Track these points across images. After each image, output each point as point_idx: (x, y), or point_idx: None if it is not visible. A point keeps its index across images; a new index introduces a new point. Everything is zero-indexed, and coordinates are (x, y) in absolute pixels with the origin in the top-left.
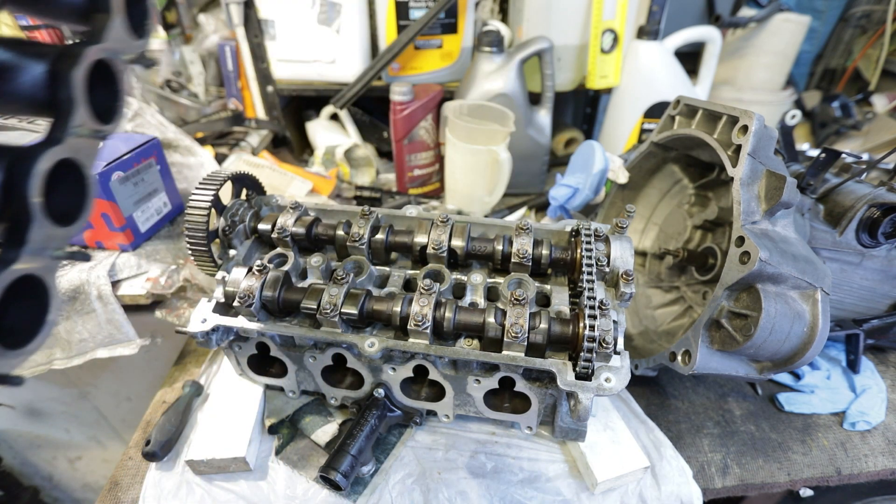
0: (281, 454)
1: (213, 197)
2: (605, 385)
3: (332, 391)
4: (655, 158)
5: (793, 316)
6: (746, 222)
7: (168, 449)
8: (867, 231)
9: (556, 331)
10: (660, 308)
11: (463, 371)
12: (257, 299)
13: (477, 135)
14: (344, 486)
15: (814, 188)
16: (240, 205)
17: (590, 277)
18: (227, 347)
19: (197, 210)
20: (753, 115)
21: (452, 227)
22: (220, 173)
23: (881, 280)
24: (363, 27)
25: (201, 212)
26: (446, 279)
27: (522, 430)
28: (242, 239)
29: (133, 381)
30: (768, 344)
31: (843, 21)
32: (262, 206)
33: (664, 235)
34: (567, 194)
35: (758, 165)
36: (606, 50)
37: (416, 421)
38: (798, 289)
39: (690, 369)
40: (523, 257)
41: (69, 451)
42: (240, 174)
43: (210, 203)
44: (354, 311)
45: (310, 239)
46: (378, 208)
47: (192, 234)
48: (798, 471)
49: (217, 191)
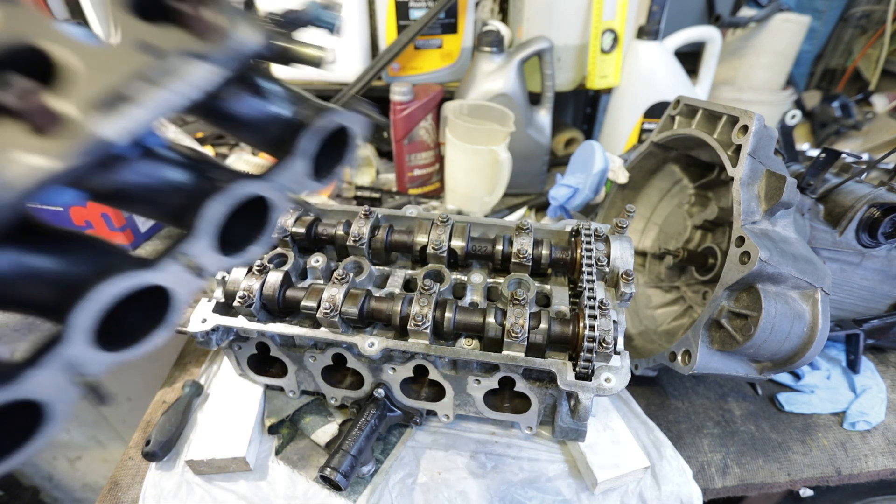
0: (281, 454)
1: None
2: (605, 385)
3: (332, 391)
4: (655, 158)
5: (793, 316)
6: (746, 222)
7: (168, 449)
8: (867, 231)
9: (556, 331)
10: (660, 308)
11: (463, 371)
12: (257, 299)
13: (477, 135)
14: (344, 486)
15: (814, 188)
16: None
17: (590, 277)
18: (227, 347)
19: None
20: (753, 115)
21: (452, 227)
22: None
23: (881, 280)
24: (363, 27)
25: None
26: (446, 279)
27: (522, 430)
28: None
29: (133, 382)
30: (768, 344)
31: (843, 21)
32: None
33: (664, 235)
34: (567, 194)
35: (758, 165)
36: (606, 50)
37: (416, 421)
38: (798, 289)
39: (690, 369)
40: (523, 257)
41: (69, 451)
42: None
43: None
44: (354, 310)
45: (310, 239)
46: (378, 208)
47: None
48: (798, 471)
49: None
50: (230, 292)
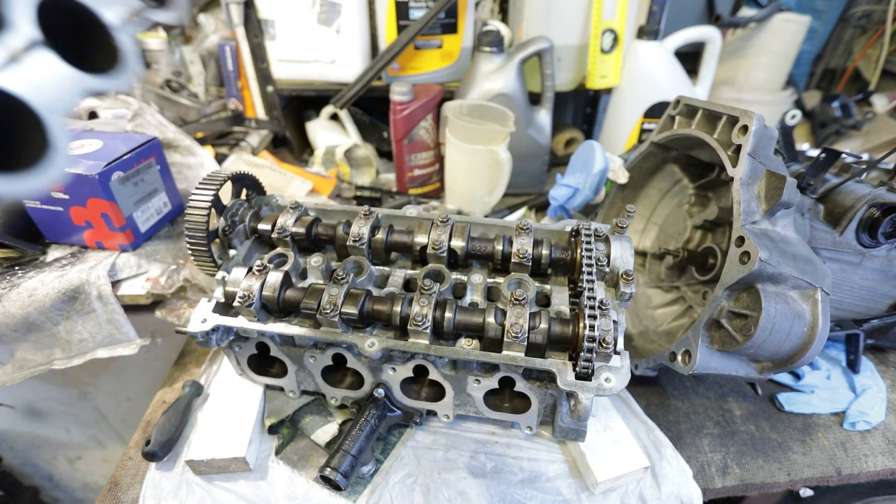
0: (281, 454)
1: (213, 197)
2: (605, 385)
3: (332, 391)
4: (655, 158)
5: (793, 316)
6: (746, 222)
7: (168, 449)
8: (867, 231)
9: (556, 331)
10: (660, 308)
11: (463, 371)
12: (257, 299)
13: (477, 135)
14: (344, 486)
15: (814, 188)
16: (240, 205)
17: (590, 277)
18: (227, 347)
19: (197, 210)
20: (753, 115)
21: (452, 227)
22: (220, 173)
23: (881, 280)
24: (363, 27)
25: (201, 212)
26: (446, 279)
27: (522, 430)
28: (242, 239)
29: (133, 381)
30: (768, 344)
31: (843, 21)
32: (262, 206)
33: (664, 235)
34: (567, 194)
35: (758, 165)
36: (606, 50)
37: (416, 421)
38: (798, 289)
39: (690, 369)
40: (523, 257)
41: (69, 451)
42: (240, 174)
43: (210, 203)
44: (354, 311)
45: (310, 239)
46: (378, 208)
47: (192, 234)
48: (798, 471)
49: (217, 191)
50: (230, 292)
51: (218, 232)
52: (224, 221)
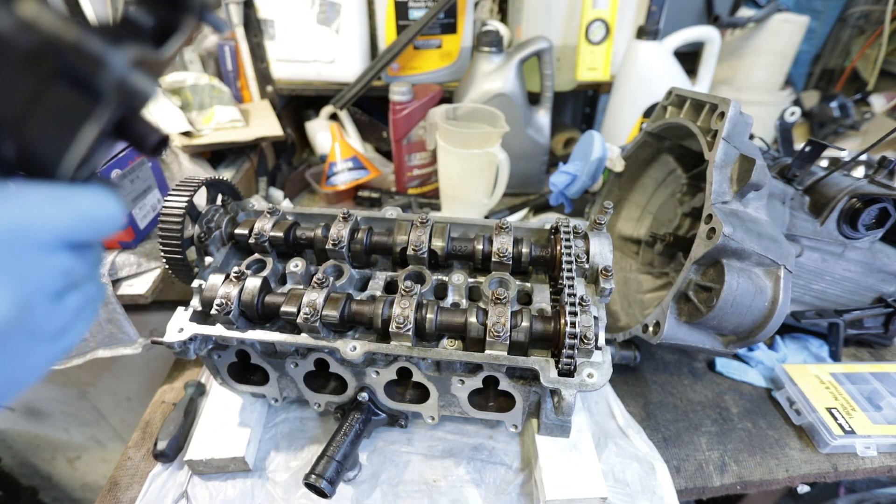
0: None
1: (187, 203)
2: (587, 381)
3: (316, 397)
4: (650, 148)
5: (755, 290)
6: (717, 201)
7: (178, 449)
8: (848, 221)
9: (538, 328)
10: (649, 293)
11: (447, 372)
12: (235, 306)
13: (470, 139)
14: (329, 492)
15: (800, 179)
16: (215, 210)
17: (570, 274)
18: (207, 356)
19: (171, 217)
20: (730, 101)
21: (432, 227)
22: (194, 179)
23: (864, 273)
24: (363, 27)
25: (175, 219)
26: (427, 280)
27: (508, 428)
28: (219, 245)
29: (133, 381)
30: (730, 316)
31: (842, 21)
32: (238, 211)
33: (657, 224)
34: (566, 181)
35: (731, 149)
36: (596, 41)
37: (401, 423)
38: (762, 266)
39: (658, 339)
40: (503, 256)
41: (68, 451)
42: (214, 180)
43: (184, 210)
44: (335, 314)
45: (288, 243)
46: (357, 211)
47: (166, 243)
48: (796, 467)
49: (191, 197)
50: (207, 299)
51: (193, 239)
52: (199, 228)
